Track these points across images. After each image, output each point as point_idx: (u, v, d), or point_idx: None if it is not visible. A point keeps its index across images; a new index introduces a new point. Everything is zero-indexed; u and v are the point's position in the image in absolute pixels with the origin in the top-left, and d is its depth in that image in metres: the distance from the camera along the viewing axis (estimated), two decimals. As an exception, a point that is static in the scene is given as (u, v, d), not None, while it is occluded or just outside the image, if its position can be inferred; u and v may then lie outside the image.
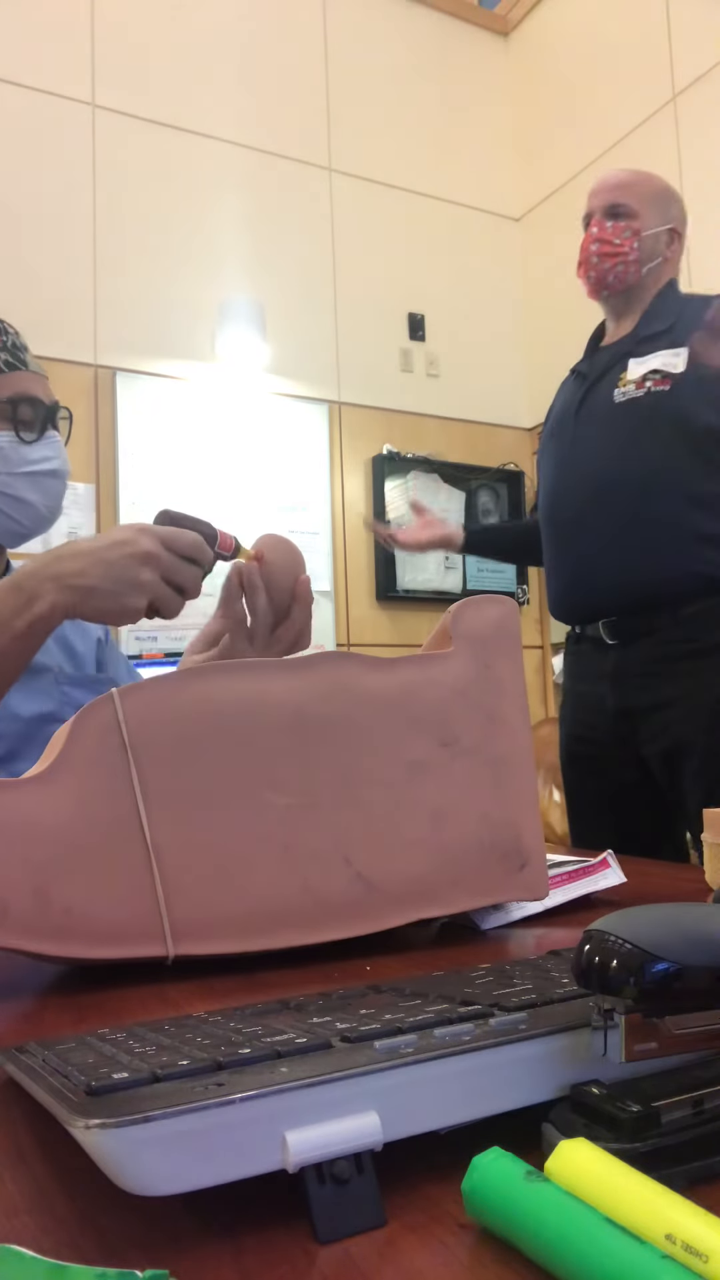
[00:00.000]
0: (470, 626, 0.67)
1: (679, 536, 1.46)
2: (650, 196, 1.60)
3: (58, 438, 1.11)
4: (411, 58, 3.74)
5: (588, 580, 1.55)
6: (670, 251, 1.61)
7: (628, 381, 1.54)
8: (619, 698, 1.54)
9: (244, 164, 3.37)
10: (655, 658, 1.50)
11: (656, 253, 1.59)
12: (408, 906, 0.62)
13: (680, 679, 1.47)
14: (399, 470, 3.51)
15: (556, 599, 1.65)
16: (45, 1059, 0.35)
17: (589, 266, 1.61)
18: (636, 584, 1.49)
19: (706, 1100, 0.29)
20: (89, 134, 3.14)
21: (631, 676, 1.52)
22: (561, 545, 1.61)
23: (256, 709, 0.60)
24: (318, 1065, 0.29)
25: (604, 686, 1.56)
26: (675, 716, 1.48)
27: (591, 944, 0.30)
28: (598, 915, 0.32)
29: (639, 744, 1.53)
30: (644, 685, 1.51)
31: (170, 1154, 0.26)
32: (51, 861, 0.55)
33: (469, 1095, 0.30)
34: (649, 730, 1.51)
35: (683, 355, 1.49)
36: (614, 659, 1.54)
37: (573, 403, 1.64)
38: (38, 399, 1.08)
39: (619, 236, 1.57)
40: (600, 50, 3.46)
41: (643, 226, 1.58)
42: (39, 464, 1.08)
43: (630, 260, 1.57)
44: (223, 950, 0.58)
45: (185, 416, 3.16)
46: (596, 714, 1.58)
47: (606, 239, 1.58)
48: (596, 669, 1.57)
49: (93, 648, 1.20)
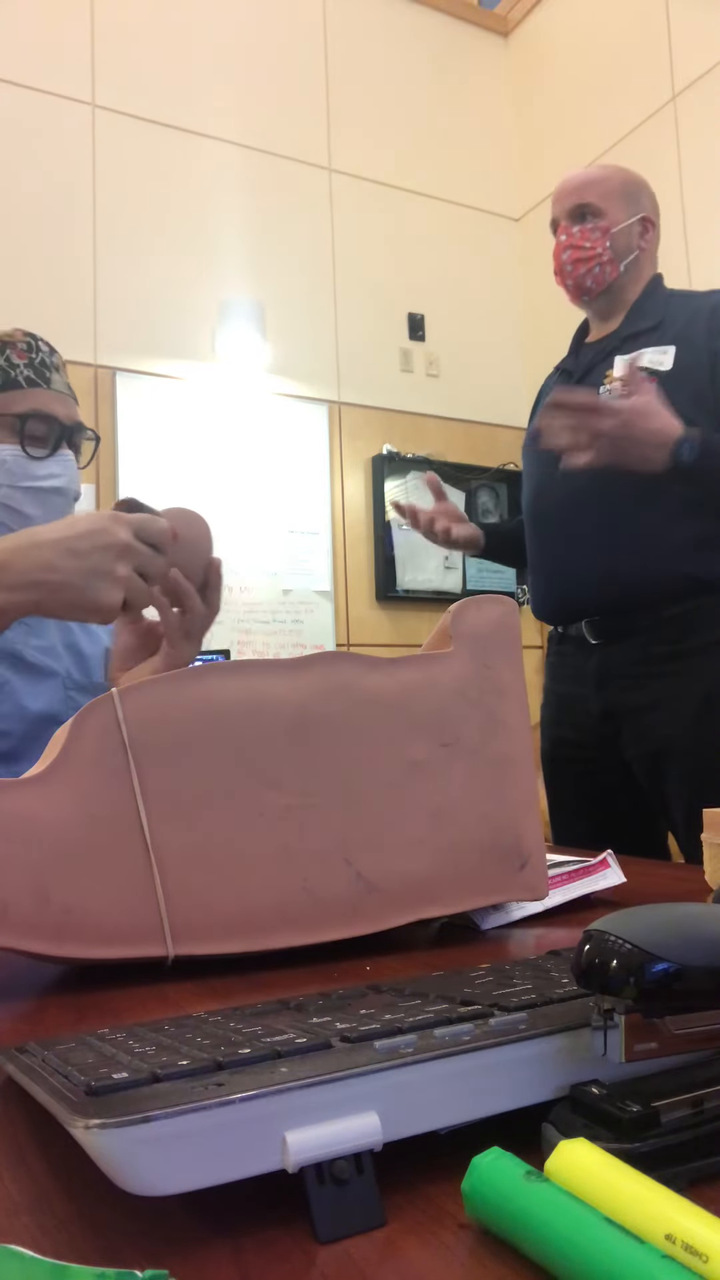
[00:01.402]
0: (470, 626, 0.67)
1: (663, 536, 1.45)
2: (614, 191, 1.56)
3: (69, 457, 1.11)
4: (411, 58, 3.74)
5: (571, 580, 1.54)
6: (645, 242, 1.58)
7: (613, 379, 1.52)
8: (603, 699, 1.53)
9: (244, 164, 3.37)
10: (639, 659, 1.49)
11: (630, 247, 1.57)
12: (408, 906, 0.62)
13: (665, 680, 1.46)
14: (399, 470, 3.51)
15: (540, 599, 1.64)
16: (45, 1059, 0.35)
17: (564, 275, 1.59)
18: (620, 584, 1.48)
19: (706, 1100, 0.29)
20: (89, 134, 3.14)
21: (615, 678, 1.51)
22: (545, 545, 1.60)
23: (256, 709, 0.60)
24: (318, 1065, 0.29)
25: (588, 688, 1.55)
26: (660, 719, 1.46)
27: (591, 944, 0.30)
28: (598, 915, 0.32)
29: (622, 746, 1.53)
30: (628, 686, 1.50)
31: (170, 1154, 0.26)
32: (51, 861, 0.55)
33: (469, 1095, 0.30)
34: (632, 732, 1.50)
35: (669, 353, 1.48)
36: (597, 660, 1.53)
37: None
38: (53, 417, 1.09)
39: (588, 239, 1.55)
40: (600, 50, 3.46)
41: (611, 224, 1.55)
42: (43, 480, 1.08)
43: (605, 261, 1.56)
44: (223, 950, 0.58)
45: (185, 416, 3.16)
46: (579, 715, 1.57)
47: (576, 244, 1.56)
48: (579, 670, 1.57)
49: (100, 655, 1.19)
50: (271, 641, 3.22)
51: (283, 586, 3.26)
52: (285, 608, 3.27)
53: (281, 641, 3.24)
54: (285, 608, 3.27)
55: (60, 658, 1.13)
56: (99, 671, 1.18)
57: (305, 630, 3.28)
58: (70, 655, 1.15)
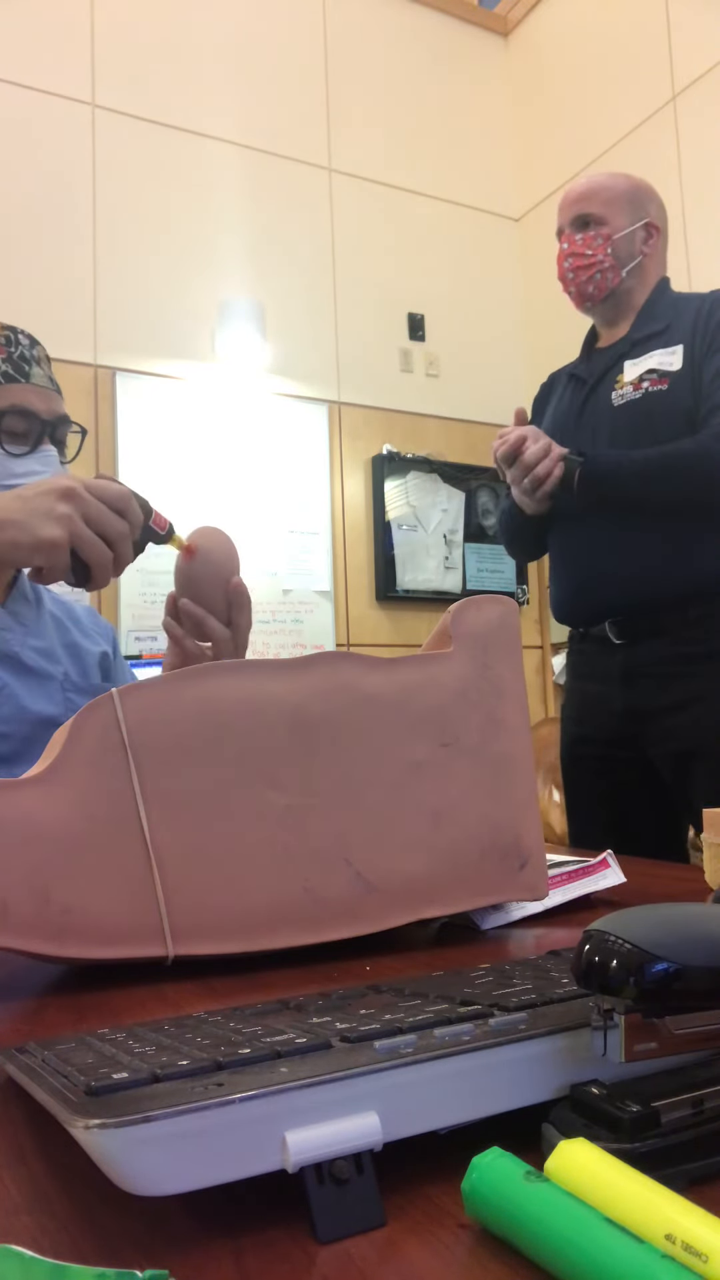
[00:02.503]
0: (470, 626, 0.67)
1: (688, 537, 1.46)
2: (616, 198, 1.59)
3: (51, 454, 1.08)
4: (411, 58, 3.74)
5: (594, 583, 1.55)
6: (648, 248, 1.60)
7: (625, 384, 1.53)
8: (627, 698, 1.53)
9: (244, 164, 3.37)
10: (666, 658, 1.49)
11: (633, 253, 1.59)
12: (408, 906, 0.62)
13: (692, 680, 1.47)
14: (399, 470, 3.51)
15: (561, 603, 1.64)
16: (45, 1059, 0.35)
17: (567, 282, 1.62)
18: (643, 585, 1.49)
19: (706, 1100, 0.29)
20: (89, 134, 3.14)
21: (641, 677, 1.52)
22: (567, 550, 1.61)
23: (256, 709, 0.60)
24: (317, 1065, 0.29)
25: (612, 686, 1.55)
26: (688, 718, 1.47)
27: (591, 944, 0.30)
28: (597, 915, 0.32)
29: (646, 744, 1.53)
30: (655, 686, 1.50)
31: (170, 1154, 0.26)
32: (51, 861, 0.55)
33: (469, 1095, 0.30)
34: (658, 731, 1.51)
35: (678, 353, 1.49)
36: (622, 658, 1.54)
37: (572, 407, 1.64)
38: (32, 412, 1.06)
39: (590, 246, 1.57)
40: (600, 50, 3.46)
41: (613, 230, 1.57)
42: (23, 478, 1.05)
43: (606, 267, 1.57)
44: (222, 950, 0.58)
45: (185, 416, 3.16)
46: (602, 714, 1.58)
47: (578, 251, 1.58)
48: (603, 668, 1.57)
49: (97, 659, 1.19)
50: (271, 641, 3.22)
51: (283, 586, 3.26)
52: (285, 607, 3.27)
53: (281, 641, 3.24)
54: (285, 607, 3.27)
55: (58, 660, 1.13)
56: (97, 673, 1.17)
57: (305, 630, 3.28)
58: (69, 657, 1.15)
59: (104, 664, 1.20)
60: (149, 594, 3.01)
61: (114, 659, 1.23)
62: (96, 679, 1.16)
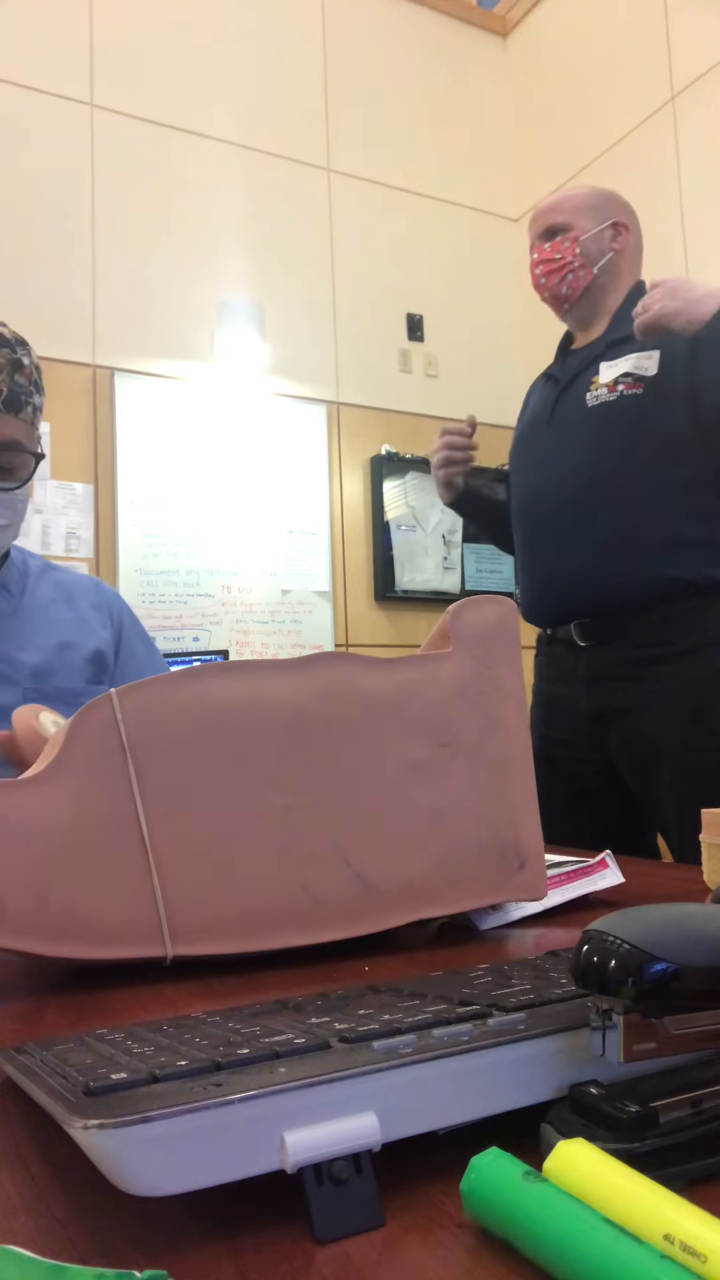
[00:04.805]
0: (469, 627, 0.67)
1: (653, 539, 1.46)
2: (580, 205, 1.61)
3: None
4: (411, 58, 3.74)
5: (561, 584, 1.55)
6: (618, 244, 1.61)
7: (599, 385, 1.54)
8: (592, 700, 1.54)
9: (243, 164, 3.37)
10: (628, 660, 1.49)
11: (603, 250, 1.60)
12: (406, 907, 0.62)
13: (654, 682, 1.47)
14: (398, 471, 3.51)
15: (529, 603, 1.65)
16: (44, 1059, 0.35)
17: (541, 289, 1.64)
18: (609, 587, 1.49)
19: (705, 1100, 0.29)
20: (88, 134, 3.14)
21: (604, 679, 1.52)
22: (535, 549, 1.61)
23: (255, 709, 0.60)
24: (316, 1066, 0.29)
25: (577, 688, 1.56)
26: (648, 720, 1.47)
27: (590, 944, 0.30)
28: (596, 915, 0.32)
29: (611, 747, 1.53)
30: (617, 688, 1.51)
31: (169, 1154, 0.26)
32: (50, 861, 0.55)
33: (467, 1095, 0.30)
34: (622, 734, 1.51)
35: (654, 358, 1.49)
36: (586, 661, 1.54)
37: (545, 407, 1.64)
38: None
39: (558, 250, 1.60)
40: (599, 50, 3.46)
41: (579, 232, 1.59)
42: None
43: (576, 266, 1.59)
44: (221, 950, 0.58)
45: (184, 417, 3.16)
46: (570, 716, 1.58)
47: (547, 257, 1.61)
48: (568, 671, 1.58)
49: (87, 657, 1.16)
50: (270, 642, 3.22)
51: (281, 586, 3.26)
52: (284, 608, 3.27)
53: (280, 641, 3.24)
54: (284, 608, 3.27)
55: (17, 665, 1.10)
56: (80, 676, 1.14)
57: (304, 630, 3.28)
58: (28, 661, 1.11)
59: (98, 661, 1.17)
60: (149, 594, 3.01)
61: (119, 641, 1.19)
62: (78, 683, 1.13)
